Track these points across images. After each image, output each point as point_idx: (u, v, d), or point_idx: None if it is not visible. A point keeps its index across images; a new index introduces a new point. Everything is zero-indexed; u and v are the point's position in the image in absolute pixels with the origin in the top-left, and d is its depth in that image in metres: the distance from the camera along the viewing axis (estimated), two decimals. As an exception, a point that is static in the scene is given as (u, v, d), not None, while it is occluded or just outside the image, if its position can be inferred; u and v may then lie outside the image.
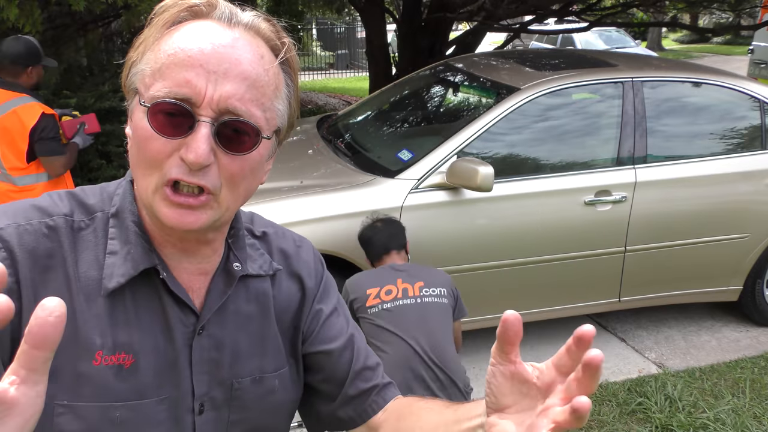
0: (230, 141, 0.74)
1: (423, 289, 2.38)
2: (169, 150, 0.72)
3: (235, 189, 0.77)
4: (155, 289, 0.80)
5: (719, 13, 11.66)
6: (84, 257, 0.78)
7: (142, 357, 0.79)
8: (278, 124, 0.79)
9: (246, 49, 0.74)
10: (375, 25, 7.71)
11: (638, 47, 16.33)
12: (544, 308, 3.38)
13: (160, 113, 0.72)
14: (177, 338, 0.81)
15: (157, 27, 0.76)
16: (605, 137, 3.39)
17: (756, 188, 3.49)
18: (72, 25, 5.36)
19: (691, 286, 3.57)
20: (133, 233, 0.80)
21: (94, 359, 0.76)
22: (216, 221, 0.78)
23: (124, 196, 0.82)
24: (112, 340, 0.77)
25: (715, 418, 2.90)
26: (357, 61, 16.99)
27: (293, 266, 0.96)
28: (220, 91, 0.72)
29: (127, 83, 0.78)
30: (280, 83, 0.79)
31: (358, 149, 3.56)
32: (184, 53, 0.72)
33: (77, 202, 0.81)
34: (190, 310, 0.82)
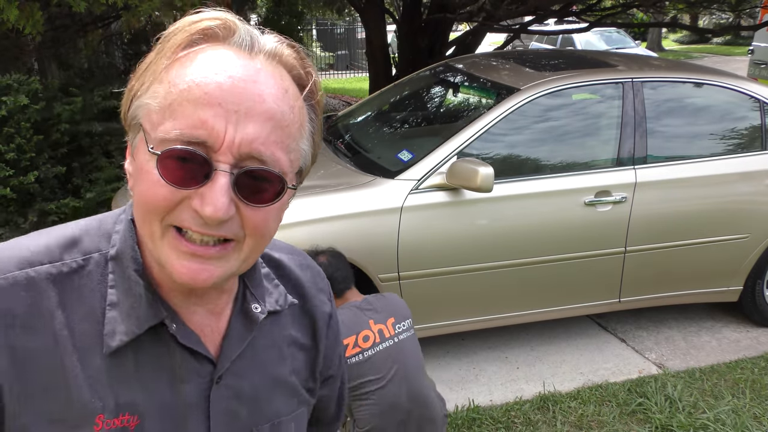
0: (252, 191, 0.64)
1: (396, 326, 2.34)
2: (180, 198, 0.63)
3: (260, 240, 0.68)
4: (163, 341, 0.72)
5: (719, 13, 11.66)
6: (76, 308, 0.69)
7: (147, 417, 0.71)
8: (301, 165, 0.71)
9: (269, 84, 0.64)
10: (375, 26, 7.71)
11: (638, 48, 16.34)
12: (544, 308, 3.38)
13: (171, 159, 0.62)
14: (190, 391, 0.73)
15: (166, 53, 0.66)
16: (605, 138, 3.39)
17: (756, 189, 3.49)
18: (72, 26, 5.36)
19: (691, 286, 3.57)
20: (136, 284, 0.70)
21: (95, 424, 0.68)
22: (233, 274, 0.69)
23: (124, 238, 0.72)
24: (114, 401, 0.69)
25: (715, 418, 2.90)
26: (357, 62, 17.00)
27: (308, 303, 0.88)
28: (241, 133, 0.62)
29: (129, 116, 0.68)
30: (305, 120, 0.70)
31: (358, 150, 3.56)
32: (199, 89, 0.62)
33: (69, 241, 0.72)
34: (205, 359, 0.74)
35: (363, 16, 7.99)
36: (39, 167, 4.20)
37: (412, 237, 2.99)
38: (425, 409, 2.27)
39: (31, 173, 4.03)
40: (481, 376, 3.29)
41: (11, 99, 4.01)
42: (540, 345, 3.57)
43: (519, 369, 3.35)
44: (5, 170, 3.94)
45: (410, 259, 3.00)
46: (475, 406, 3.01)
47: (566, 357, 3.46)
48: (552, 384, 3.21)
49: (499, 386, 3.20)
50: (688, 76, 3.62)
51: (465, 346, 3.56)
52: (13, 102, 3.99)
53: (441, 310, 3.19)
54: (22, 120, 4.07)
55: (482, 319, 3.29)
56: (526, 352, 3.51)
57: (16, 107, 4.02)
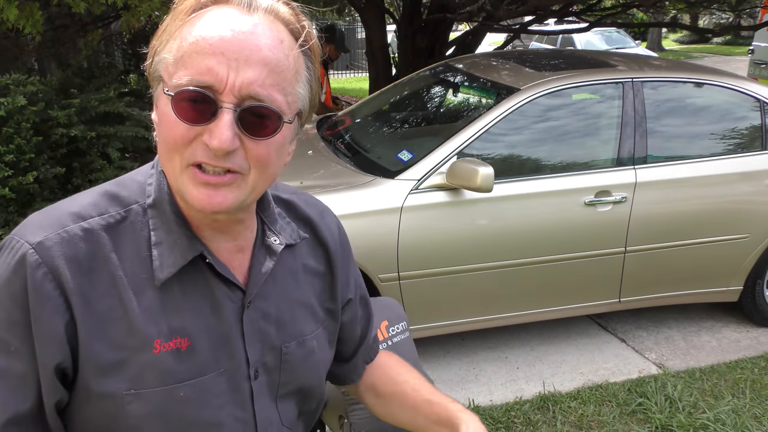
0: (253, 126, 0.75)
1: (389, 329, 2.34)
2: (193, 135, 0.75)
3: (264, 171, 0.79)
4: (201, 272, 0.84)
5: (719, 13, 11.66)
6: (125, 252, 0.81)
7: (197, 338, 0.83)
8: (300, 107, 0.81)
9: (266, 35, 0.75)
10: (375, 26, 7.71)
11: (638, 48, 16.34)
12: (544, 309, 3.38)
13: (184, 101, 0.73)
14: (227, 315, 0.85)
15: (179, 15, 0.77)
16: (605, 138, 3.39)
17: (756, 189, 3.49)
18: (72, 26, 5.36)
19: (691, 286, 3.57)
20: (174, 222, 0.82)
21: (154, 348, 0.80)
22: (244, 201, 0.80)
23: (159, 185, 0.84)
24: (167, 327, 0.81)
25: (715, 418, 2.90)
26: (357, 62, 16.99)
27: (319, 234, 1.00)
28: (241, 77, 0.73)
29: (152, 71, 0.79)
30: (301, 67, 0.80)
31: (358, 150, 3.56)
32: (205, 41, 0.73)
33: (110, 197, 0.84)
34: (236, 287, 0.86)
35: (363, 16, 7.98)
36: (38, 168, 4.19)
37: (412, 237, 2.99)
38: None
39: (30, 173, 4.02)
40: (481, 376, 3.29)
41: (9, 100, 4.01)
42: (540, 345, 3.57)
43: (519, 369, 3.35)
44: (4, 170, 3.94)
45: (410, 259, 3.00)
46: (475, 406, 3.01)
47: (566, 357, 3.45)
48: (552, 384, 3.20)
49: (499, 386, 3.20)
50: (688, 76, 3.62)
51: (465, 346, 3.56)
52: (11, 103, 3.99)
53: (441, 310, 3.18)
54: (22, 120, 4.06)
55: (482, 319, 3.29)
56: (526, 352, 3.51)
57: (14, 108, 4.02)
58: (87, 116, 4.53)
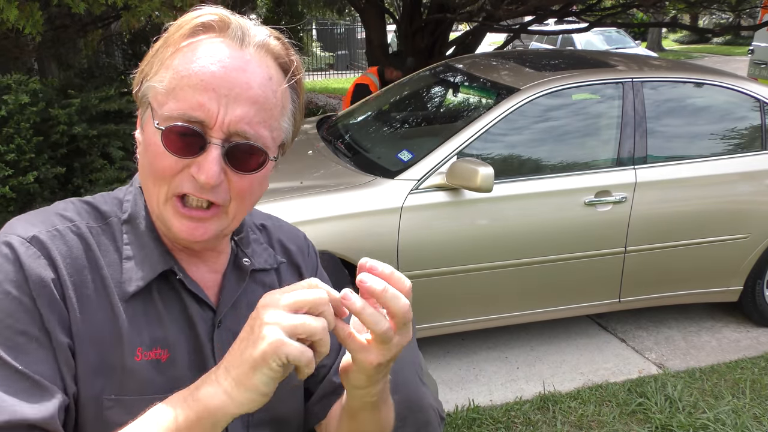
0: (239, 161, 0.77)
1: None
2: (180, 167, 0.76)
3: (243, 202, 0.82)
4: (175, 289, 0.85)
5: (719, 13, 11.66)
6: (109, 260, 0.82)
7: (176, 351, 0.83)
8: (283, 140, 0.84)
9: (256, 72, 0.77)
10: (375, 26, 7.71)
11: (638, 48, 16.34)
12: (544, 309, 3.38)
13: (173, 134, 0.75)
14: (200, 333, 0.85)
15: (171, 43, 0.79)
16: (605, 138, 3.39)
17: (756, 189, 3.49)
18: (72, 26, 5.35)
19: (691, 286, 3.57)
20: (148, 238, 0.84)
21: (136, 355, 0.80)
22: (223, 230, 0.82)
23: (135, 202, 0.86)
24: (149, 336, 0.81)
25: (715, 418, 2.90)
26: (357, 62, 16.99)
27: (293, 258, 1.01)
28: (231, 115, 0.75)
29: (140, 94, 0.81)
30: (287, 101, 0.82)
31: (358, 150, 3.56)
32: (197, 77, 0.75)
33: (90, 208, 0.85)
34: (207, 306, 0.86)
35: (363, 16, 7.99)
36: (39, 167, 4.19)
37: (412, 237, 2.99)
38: (420, 414, 2.25)
39: (30, 173, 4.02)
40: (481, 376, 3.29)
41: (11, 98, 4.01)
42: (540, 345, 3.57)
43: (519, 369, 3.35)
44: (5, 170, 3.94)
45: (410, 259, 3.00)
46: (475, 406, 3.01)
47: (566, 357, 3.45)
48: (552, 384, 3.20)
49: (499, 386, 3.20)
50: (688, 76, 3.62)
51: (465, 346, 3.56)
52: (14, 101, 3.99)
53: (441, 310, 3.18)
54: (22, 120, 4.06)
55: (482, 319, 3.29)
56: (526, 352, 3.51)
57: (15, 107, 4.02)
58: (87, 115, 4.53)
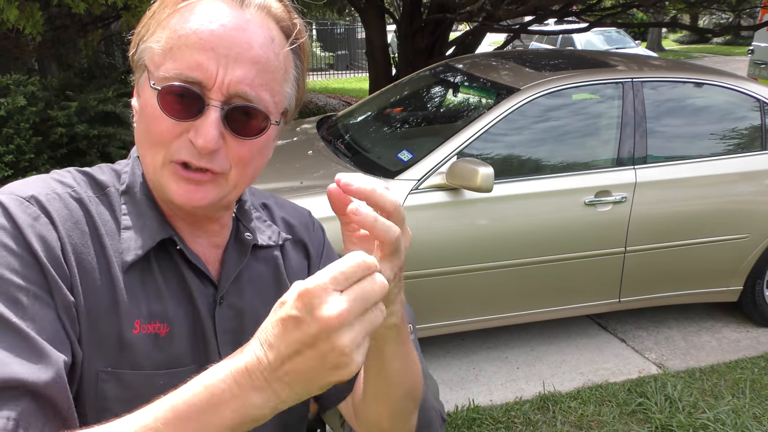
0: (239, 125, 0.74)
1: None
2: (178, 131, 0.73)
3: (244, 170, 0.77)
4: (174, 260, 0.81)
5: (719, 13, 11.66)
6: (107, 229, 0.78)
7: (176, 325, 0.79)
8: (286, 106, 0.80)
9: (257, 32, 0.73)
10: (375, 26, 7.71)
11: (638, 48, 16.34)
12: (544, 309, 3.38)
13: (170, 95, 0.71)
14: (201, 308, 0.82)
15: (168, 3, 0.75)
16: (605, 138, 3.39)
17: (756, 189, 3.49)
18: (72, 26, 5.35)
19: (691, 286, 3.57)
20: (146, 207, 0.80)
21: (134, 327, 0.76)
22: (223, 198, 0.78)
23: (133, 172, 0.83)
24: (147, 309, 0.78)
25: (715, 418, 2.90)
26: (357, 62, 17.00)
27: (297, 234, 0.98)
28: (230, 75, 0.71)
29: (136, 57, 0.77)
30: (290, 66, 0.78)
31: (358, 150, 3.56)
32: (195, 35, 0.71)
33: (89, 179, 0.82)
34: (208, 280, 0.83)
35: (363, 16, 7.99)
36: (38, 168, 4.19)
37: (412, 237, 2.98)
38: (422, 414, 2.25)
39: (29, 174, 4.02)
40: (481, 376, 3.29)
41: (9, 100, 4.01)
42: (540, 345, 3.57)
43: (519, 369, 3.35)
44: (4, 170, 3.94)
45: (410, 259, 3.00)
46: (475, 406, 3.01)
47: (566, 357, 3.45)
48: (552, 384, 3.20)
49: (499, 386, 3.20)
50: (688, 76, 3.62)
51: (465, 346, 3.56)
52: (11, 103, 3.99)
53: (441, 310, 3.18)
54: (21, 121, 4.06)
55: (482, 319, 3.29)
56: (526, 352, 3.51)
57: (14, 108, 4.02)
58: (86, 116, 4.53)
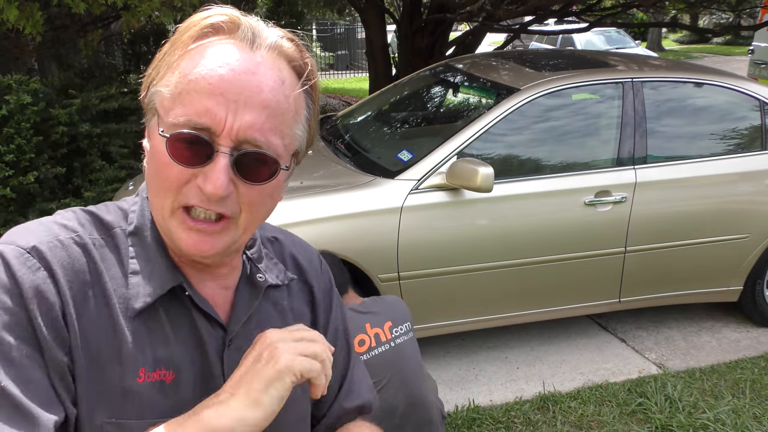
0: (249, 171, 0.73)
1: (393, 330, 2.27)
2: (187, 177, 0.72)
3: (255, 214, 0.77)
4: (184, 305, 0.80)
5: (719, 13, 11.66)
6: (113, 274, 0.77)
7: (181, 371, 0.78)
8: (297, 148, 0.79)
9: (267, 75, 0.72)
10: (375, 26, 7.71)
11: (638, 47, 16.33)
12: (544, 309, 3.38)
13: (179, 142, 0.71)
14: (210, 352, 0.80)
15: (179, 46, 0.74)
16: (605, 138, 3.39)
17: (756, 189, 3.49)
18: (72, 26, 5.35)
19: (691, 286, 3.57)
20: (155, 252, 0.79)
21: (138, 376, 0.75)
22: (233, 244, 0.77)
23: (141, 213, 0.81)
24: (153, 356, 0.76)
25: (715, 418, 2.90)
26: (357, 62, 17.00)
27: (306, 276, 0.96)
28: (240, 121, 0.70)
29: (147, 101, 0.76)
30: (300, 107, 0.77)
31: (358, 150, 3.56)
32: (204, 80, 0.70)
33: (94, 219, 0.80)
34: (217, 323, 0.82)
35: (363, 16, 7.99)
36: (39, 167, 4.19)
37: (412, 237, 2.99)
38: (423, 412, 2.25)
39: (30, 173, 4.03)
40: (481, 376, 3.29)
41: (12, 98, 4.01)
42: (540, 345, 3.57)
43: (519, 369, 3.35)
44: (5, 170, 3.94)
45: (410, 259, 3.00)
46: (475, 406, 3.01)
47: (566, 357, 3.45)
48: (552, 384, 3.20)
49: (499, 386, 3.20)
50: (688, 76, 3.62)
51: (465, 346, 3.56)
52: (15, 101, 3.99)
53: (441, 310, 3.18)
54: (22, 120, 4.06)
55: (482, 319, 3.29)
56: (526, 352, 3.51)
57: (16, 107, 4.02)
58: (88, 115, 4.53)
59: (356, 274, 2.95)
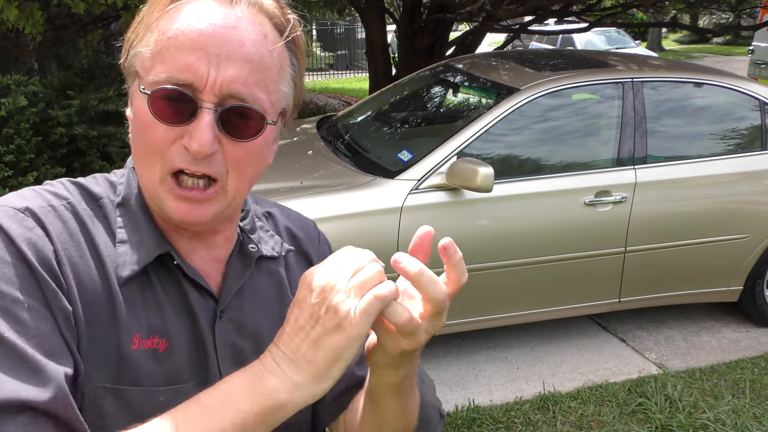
0: (234, 127, 0.71)
1: None
2: (172, 137, 0.70)
3: (242, 175, 0.75)
4: (174, 274, 0.79)
5: (719, 13, 11.66)
6: (103, 241, 0.76)
7: (174, 341, 0.76)
8: (283, 106, 0.77)
9: (249, 29, 0.71)
10: (375, 26, 7.72)
11: (638, 47, 16.34)
12: (544, 308, 3.37)
13: (161, 99, 0.69)
14: (201, 323, 0.79)
15: (156, 6, 0.73)
16: (605, 138, 3.39)
17: (756, 188, 3.49)
18: (72, 26, 5.36)
19: (691, 286, 3.57)
20: (143, 220, 0.78)
21: (133, 342, 0.74)
22: (224, 211, 0.76)
23: (128, 184, 0.80)
24: (147, 323, 0.75)
25: (715, 418, 2.90)
26: (357, 62, 17.00)
27: (302, 246, 0.95)
28: (222, 75, 0.69)
29: (126, 65, 0.75)
30: (285, 63, 0.76)
31: (358, 150, 3.56)
32: (184, 36, 0.69)
33: (82, 190, 0.79)
34: (208, 294, 0.80)
35: (363, 16, 7.99)
36: (38, 168, 4.19)
37: (412, 237, 2.98)
38: (421, 410, 2.25)
39: (30, 174, 4.02)
40: (481, 376, 3.29)
41: (11, 100, 4.01)
42: (540, 345, 3.57)
43: (519, 369, 3.35)
44: (4, 171, 3.94)
45: (410, 259, 3.00)
46: (475, 406, 3.01)
47: (566, 357, 3.45)
48: (552, 384, 3.20)
49: (499, 386, 3.20)
50: (688, 76, 3.62)
51: (465, 346, 3.56)
52: (12, 103, 3.99)
53: (441, 310, 3.18)
54: (22, 121, 4.06)
55: (482, 319, 3.29)
56: (526, 352, 3.51)
57: (15, 108, 4.02)
58: (87, 116, 4.53)
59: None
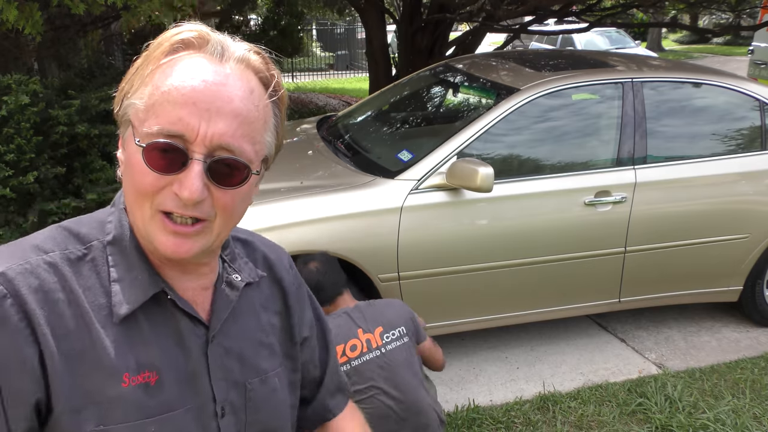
0: (222, 176, 0.77)
1: (384, 335, 2.26)
2: (163, 184, 0.76)
3: (230, 217, 0.81)
4: (165, 308, 0.84)
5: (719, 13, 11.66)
6: (89, 286, 0.80)
7: (164, 372, 0.82)
8: (266, 154, 0.83)
9: (237, 86, 0.77)
10: (375, 26, 7.72)
11: (638, 48, 16.34)
12: (544, 309, 3.38)
13: (154, 150, 0.74)
14: (192, 349, 0.86)
15: (151, 60, 0.78)
16: (605, 138, 3.39)
17: (756, 189, 3.49)
18: (72, 26, 5.36)
19: (691, 286, 3.57)
20: (136, 259, 0.83)
21: (123, 381, 0.79)
22: (209, 247, 0.82)
23: (120, 224, 0.84)
24: (135, 361, 0.80)
25: (715, 418, 2.90)
26: (357, 62, 17.00)
27: (276, 273, 1.01)
28: (213, 129, 0.74)
29: (120, 113, 0.80)
30: (269, 116, 0.82)
31: (358, 150, 3.56)
32: (177, 91, 0.74)
33: (69, 234, 0.83)
34: (199, 322, 0.87)
35: (363, 16, 7.99)
36: (39, 168, 4.19)
37: (412, 237, 2.99)
38: (420, 417, 2.23)
39: (30, 173, 4.02)
40: (481, 376, 3.29)
41: (12, 99, 4.01)
42: (540, 345, 3.57)
43: (519, 369, 3.35)
44: (5, 170, 3.94)
45: (410, 259, 3.00)
46: (475, 406, 3.01)
47: (566, 357, 3.46)
48: (552, 384, 3.21)
49: (499, 386, 3.20)
50: (688, 76, 3.62)
51: (465, 346, 3.56)
52: (14, 102, 3.99)
53: (441, 310, 3.19)
54: (22, 120, 4.06)
55: (482, 319, 3.29)
56: (526, 352, 3.51)
57: (16, 107, 4.02)
58: (87, 115, 4.53)
59: (356, 274, 2.95)
